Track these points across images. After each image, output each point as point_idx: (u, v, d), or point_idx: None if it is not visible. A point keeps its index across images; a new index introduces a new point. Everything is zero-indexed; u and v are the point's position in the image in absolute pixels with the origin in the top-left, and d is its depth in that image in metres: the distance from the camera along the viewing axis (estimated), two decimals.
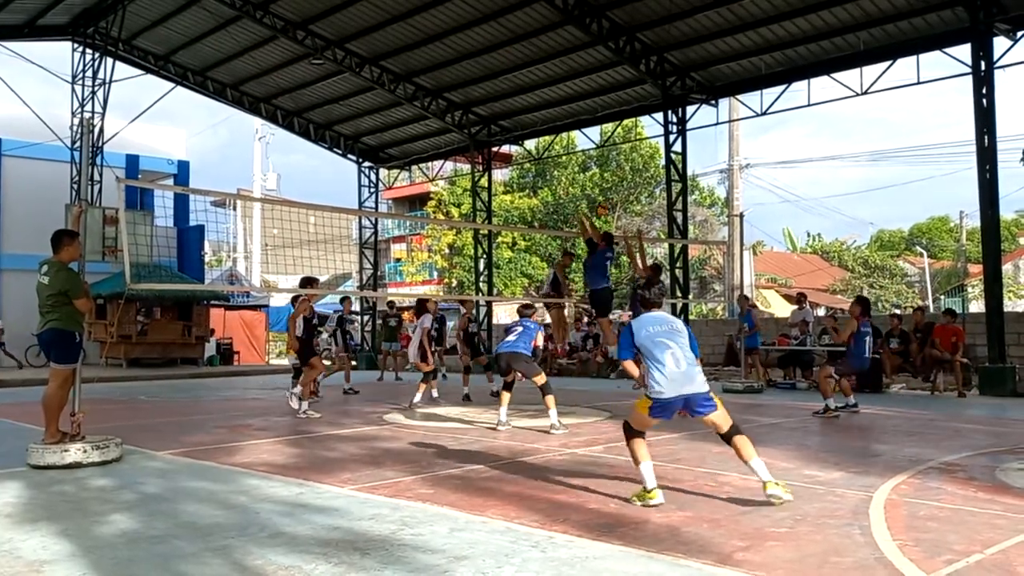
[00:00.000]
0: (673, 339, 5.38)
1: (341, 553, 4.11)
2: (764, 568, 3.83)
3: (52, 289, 6.97)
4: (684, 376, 5.26)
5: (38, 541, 4.42)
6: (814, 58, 16.39)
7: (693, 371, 5.32)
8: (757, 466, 5.17)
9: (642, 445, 5.35)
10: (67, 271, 7.08)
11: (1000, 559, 3.97)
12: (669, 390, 5.22)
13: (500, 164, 35.17)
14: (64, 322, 7.00)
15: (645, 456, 5.30)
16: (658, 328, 5.44)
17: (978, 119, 13.45)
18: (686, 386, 5.26)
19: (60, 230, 7.38)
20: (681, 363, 5.27)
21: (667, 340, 5.36)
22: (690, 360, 5.34)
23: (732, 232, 28.79)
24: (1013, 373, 13.05)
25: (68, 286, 6.98)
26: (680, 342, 5.38)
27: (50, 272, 7.02)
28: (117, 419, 10.23)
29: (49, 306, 7.00)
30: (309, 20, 19.02)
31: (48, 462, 6.63)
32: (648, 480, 5.17)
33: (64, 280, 6.99)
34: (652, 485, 5.14)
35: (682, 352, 5.33)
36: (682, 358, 5.30)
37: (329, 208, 14.33)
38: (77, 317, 7.10)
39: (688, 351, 5.39)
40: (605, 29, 16.67)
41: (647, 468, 5.22)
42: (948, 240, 49.35)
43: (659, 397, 5.23)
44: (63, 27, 22.33)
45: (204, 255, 28.51)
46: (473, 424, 9.67)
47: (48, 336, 7.03)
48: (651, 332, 5.41)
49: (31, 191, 23.13)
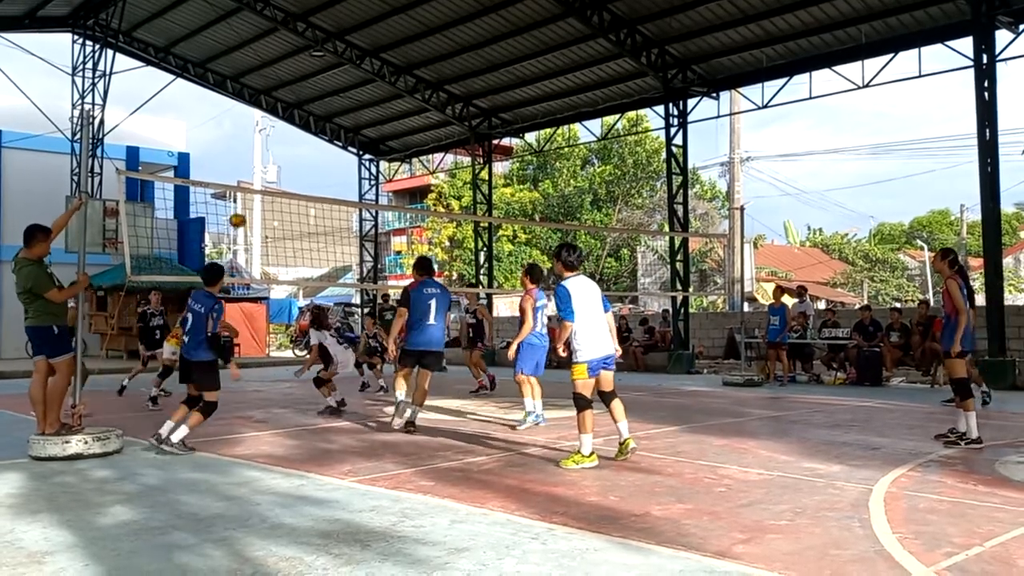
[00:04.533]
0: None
1: (342, 545, 4.11)
2: (764, 560, 3.84)
3: (20, 287, 6.93)
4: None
5: (40, 532, 4.43)
6: (815, 51, 16.34)
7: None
8: (622, 427, 6.40)
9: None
10: (31, 266, 6.94)
11: (1000, 552, 3.98)
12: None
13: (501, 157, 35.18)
14: (38, 318, 6.95)
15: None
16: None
17: (980, 112, 13.42)
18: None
19: (34, 225, 7.18)
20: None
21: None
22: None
23: (733, 225, 28.74)
24: (1013, 366, 13.06)
25: (31, 283, 6.88)
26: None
27: (16, 268, 6.96)
28: (118, 411, 10.25)
29: (24, 302, 6.98)
30: (309, 12, 18.96)
31: (49, 453, 6.65)
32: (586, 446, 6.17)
33: (27, 276, 6.90)
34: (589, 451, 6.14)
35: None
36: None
37: (329, 200, 14.31)
38: (51, 310, 6.99)
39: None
40: (606, 21, 16.62)
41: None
42: (949, 233, 49.30)
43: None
44: (63, 18, 22.29)
45: (204, 247, 28.48)
46: (473, 417, 9.68)
47: (28, 332, 7.06)
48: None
49: (31, 183, 23.09)
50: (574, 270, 6.42)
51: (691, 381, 15.35)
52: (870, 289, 38.11)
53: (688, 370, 17.29)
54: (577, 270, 6.44)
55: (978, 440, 7.08)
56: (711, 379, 15.75)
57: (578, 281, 6.35)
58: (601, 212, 38.35)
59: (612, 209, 38.52)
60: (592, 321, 6.28)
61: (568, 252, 6.46)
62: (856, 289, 38.66)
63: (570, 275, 6.38)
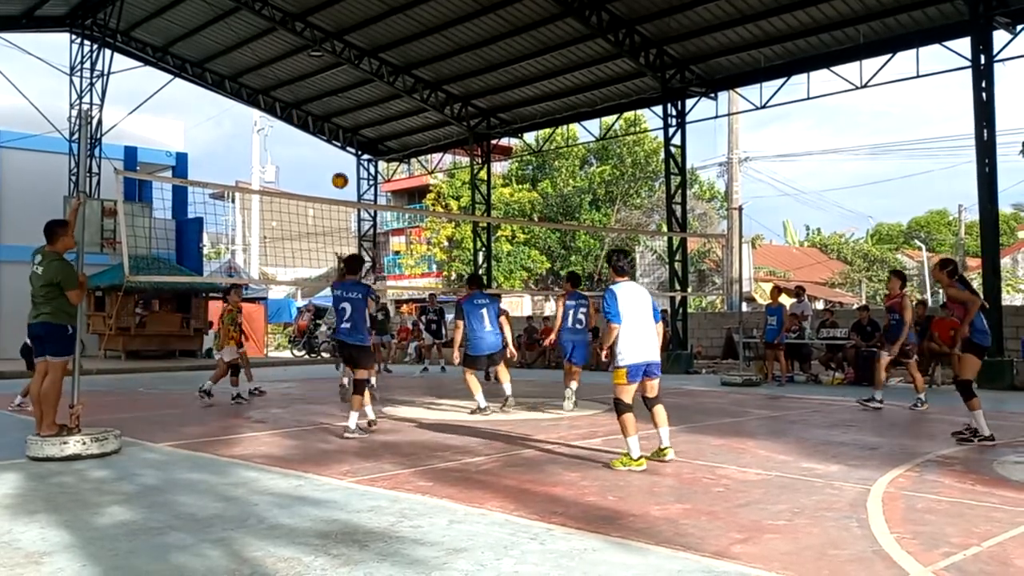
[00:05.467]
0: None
1: (340, 545, 4.11)
2: (761, 560, 3.84)
3: (45, 279, 6.91)
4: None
5: (37, 532, 4.42)
6: (814, 51, 16.36)
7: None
8: (663, 433, 6.40)
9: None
10: (61, 261, 7.01)
11: (997, 552, 3.98)
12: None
13: (499, 157, 35.16)
14: (55, 315, 6.95)
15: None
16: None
17: (977, 113, 13.43)
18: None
19: (53, 220, 7.27)
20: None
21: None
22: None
23: (731, 225, 28.73)
24: (1011, 366, 13.07)
25: (61, 277, 6.91)
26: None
27: (44, 262, 6.96)
28: (116, 411, 10.23)
29: (42, 297, 6.94)
30: (308, 11, 18.96)
31: (47, 454, 6.64)
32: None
33: (57, 271, 6.92)
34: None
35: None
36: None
37: (328, 200, 14.29)
38: (68, 309, 7.02)
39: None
40: (605, 21, 16.63)
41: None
42: (946, 234, 49.32)
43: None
44: (61, 18, 22.28)
45: (203, 247, 28.45)
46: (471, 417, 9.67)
47: (39, 329, 7.01)
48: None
49: (29, 183, 23.08)
50: (624, 275, 6.47)
51: (689, 381, 15.35)
52: (868, 289, 38.13)
53: (686, 370, 17.30)
54: (627, 275, 6.49)
55: (991, 437, 7.21)
56: (709, 379, 15.76)
57: (627, 286, 6.36)
58: (600, 212, 38.35)
59: (611, 209, 38.53)
60: (637, 326, 6.22)
61: (617, 257, 6.58)
62: (854, 289, 38.69)
63: (619, 280, 6.42)
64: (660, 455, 6.34)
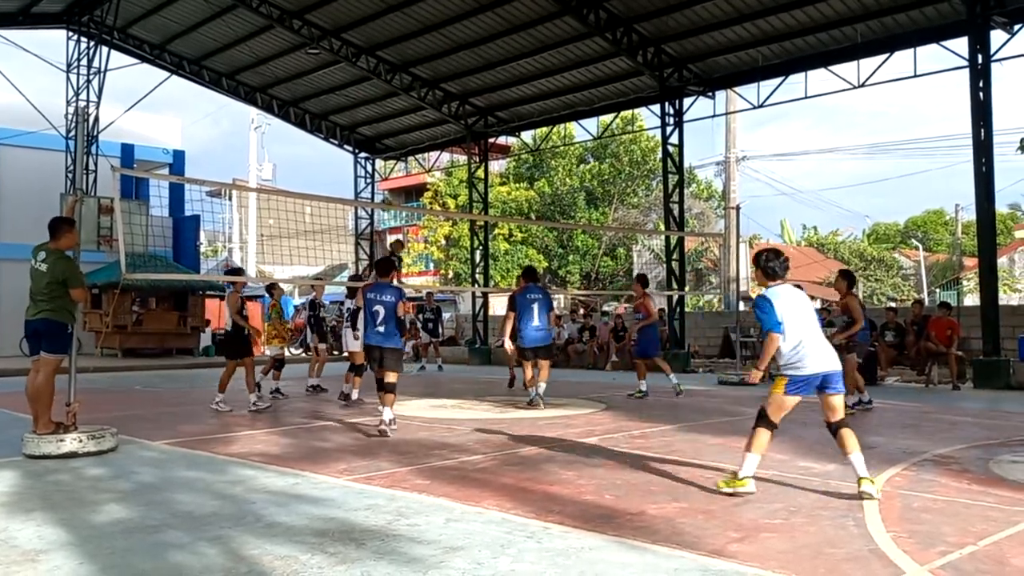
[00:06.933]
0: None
1: (337, 543, 4.11)
2: (758, 559, 3.84)
3: (51, 277, 6.90)
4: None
5: (34, 530, 4.42)
6: (811, 50, 16.36)
7: None
8: (856, 460, 5.21)
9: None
10: (67, 260, 7.02)
11: (993, 551, 3.99)
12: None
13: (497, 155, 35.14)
14: (57, 312, 6.95)
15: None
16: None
17: (975, 112, 13.43)
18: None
19: (58, 217, 7.31)
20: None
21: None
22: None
23: (729, 224, 28.76)
24: (1007, 366, 13.10)
25: (67, 275, 6.92)
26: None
27: (49, 260, 6.95)
28: (112, 409, 10.22)
29: (45, 294, 6.93)
30: (305, 9, 18.92)
31: (44, 452, 6.63)
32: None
33: (63, 269, 6.93)
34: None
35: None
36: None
37: (325, 198, 14.29)
38: (70, 308, 7.04)
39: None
40: (602, 20, 16.62)
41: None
42: (943, 233, 49.43)
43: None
44: (58, 15, 22.19)
45: (200, 245, 28.43)
46: (468, 415, 9.68)
47: (40, 325, 6.98)
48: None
49: (26, 180, 23.00)
50: (776, 278, 5.53)
51: (687, 380, 15.36)
52: (865, 288, 38.18)
53: (684, 369, 17.28)
54: (780, 278, 5.55)
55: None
56: (707, 378, 15.77)
57: (785, 289, 5.52)
58: (597, 211, 38.36)
59: (608, 208, 38.54)
60: (806, 332, 5.36)
61: (768, 258, 5.58)
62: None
63: (772, 284, 5.52)
64: (860, 492, 5.10)
